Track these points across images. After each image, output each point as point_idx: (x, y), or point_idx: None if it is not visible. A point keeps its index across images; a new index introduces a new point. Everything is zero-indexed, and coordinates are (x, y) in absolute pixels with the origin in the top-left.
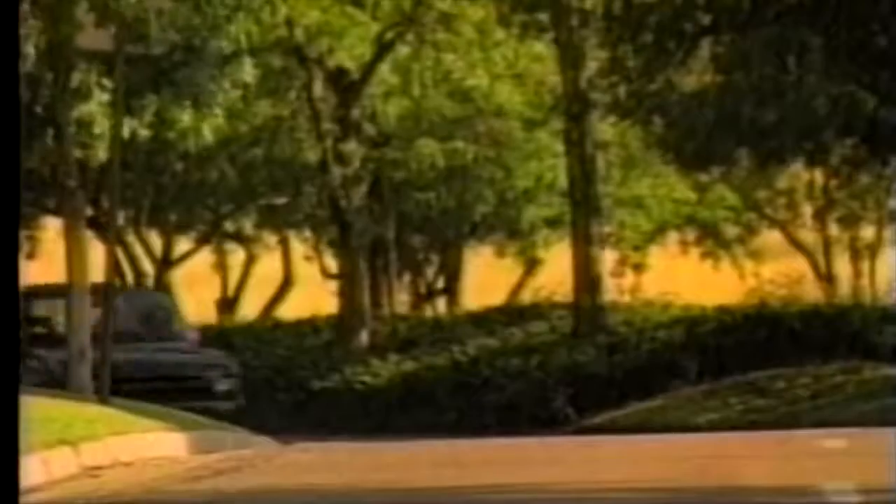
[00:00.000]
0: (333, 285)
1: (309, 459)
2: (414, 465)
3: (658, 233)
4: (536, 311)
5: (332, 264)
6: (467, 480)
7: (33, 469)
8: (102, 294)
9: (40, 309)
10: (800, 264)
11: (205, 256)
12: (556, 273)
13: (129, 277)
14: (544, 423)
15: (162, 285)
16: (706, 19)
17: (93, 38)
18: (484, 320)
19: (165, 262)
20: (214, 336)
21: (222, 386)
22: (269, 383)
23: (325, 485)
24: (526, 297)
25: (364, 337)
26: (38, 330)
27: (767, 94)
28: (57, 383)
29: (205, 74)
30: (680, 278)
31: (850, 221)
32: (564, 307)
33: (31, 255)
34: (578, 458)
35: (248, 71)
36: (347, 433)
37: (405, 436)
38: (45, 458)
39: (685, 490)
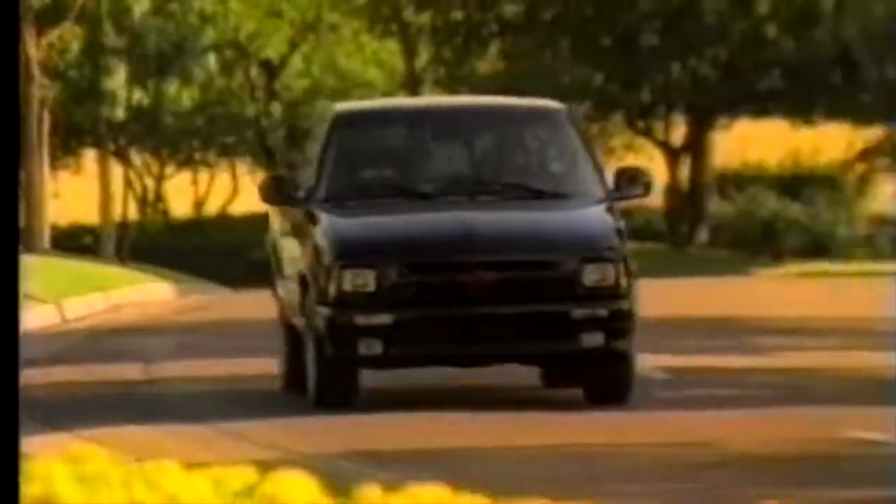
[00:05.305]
0: None
1: (249, 300)
2: None
3: None
4: None
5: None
6: None
7: (77, 306)
8: (123, 198)
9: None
10: None
11: (186, 176)
12: None
13: (137, 187)
14: None
15: (158, 193)
16: (495, 28)
17: (115, 41)
18: None
19: (160, 178)
20: (193, 224)
21: None
22: (229, 256)
23: (257, 315)
24: None
25: None
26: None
27: (536, 74)
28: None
29: (189, 62)
30: None
31: None
32: None
33: (77, 172)
34: None
35: (212, 61)
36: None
37: None
38: (86, 300)
39: None
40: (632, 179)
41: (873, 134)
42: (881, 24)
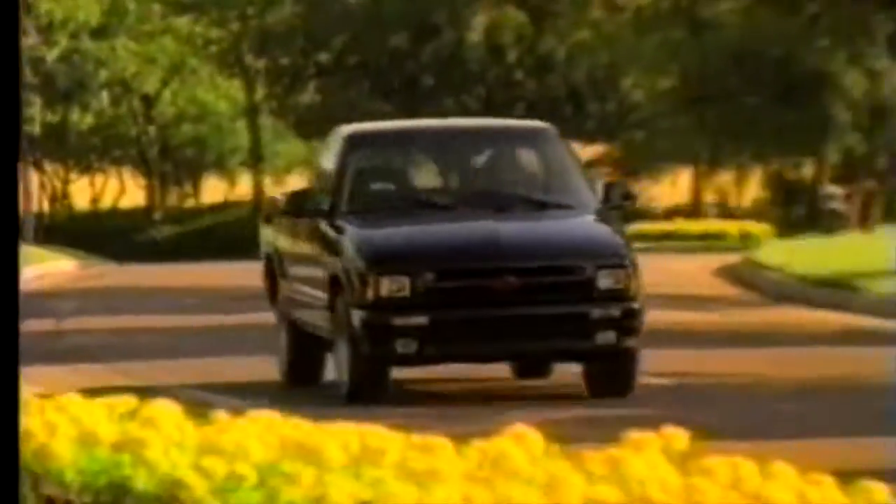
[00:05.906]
0: (142, 191)
1: (132, 271)
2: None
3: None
4: None
5: (141, 182)
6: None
7: None
8: (38, 196)
9: None
10: None
11: (86, 179)
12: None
13: (49, 188)
14: None
15: (65, 192)
16: (313, 71)
17: (32, 79)
18: None
19: (66, 181)
20: (91, 215)
21: None
22: (118, 239)
23: (138, 283)
24: None
25: (158, 215)
26: None
27: (343, 106)
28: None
29: (88, 95)
30: None
31: None
32: None
33: None
34: None
35: (104, 95)
36: (149, 260)
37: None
38: None
39: None
40: (621, 191)
41: (595, 150)
42: (603, 71)
